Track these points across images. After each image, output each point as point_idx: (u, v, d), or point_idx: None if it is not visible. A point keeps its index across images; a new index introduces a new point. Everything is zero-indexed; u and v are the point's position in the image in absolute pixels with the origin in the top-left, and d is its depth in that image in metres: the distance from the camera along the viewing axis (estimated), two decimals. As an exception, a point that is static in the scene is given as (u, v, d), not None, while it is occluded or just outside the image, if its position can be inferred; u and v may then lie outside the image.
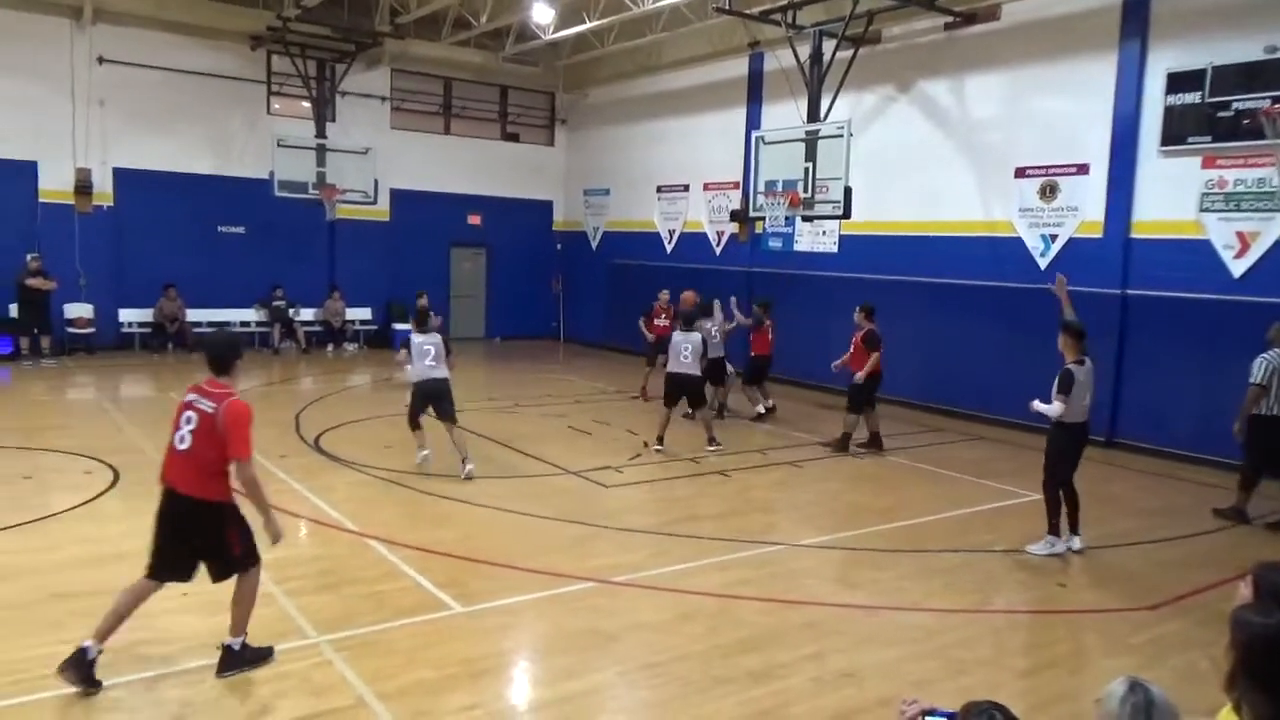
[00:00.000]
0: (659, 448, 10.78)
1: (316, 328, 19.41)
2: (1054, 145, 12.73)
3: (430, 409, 9.55)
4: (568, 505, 8.55)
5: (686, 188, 19.24)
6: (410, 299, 20.29)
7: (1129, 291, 11.90)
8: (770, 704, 4.88)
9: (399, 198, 20.26)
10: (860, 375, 11.03)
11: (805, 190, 13.12)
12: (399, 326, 20.04)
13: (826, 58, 13.47)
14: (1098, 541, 8.01)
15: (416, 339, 9.46)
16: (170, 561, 4.91)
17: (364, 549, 7.15)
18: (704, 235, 18.80)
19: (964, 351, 13.64)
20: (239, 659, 4.99)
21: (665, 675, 5.17)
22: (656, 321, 14.19)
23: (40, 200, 16.84)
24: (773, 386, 13.83)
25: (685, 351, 10.74)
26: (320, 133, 18.35)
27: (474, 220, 21.65)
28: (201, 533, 4.90)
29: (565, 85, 22.15)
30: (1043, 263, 12.89)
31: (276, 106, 19.12)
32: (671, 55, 18.71)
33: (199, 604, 5.83)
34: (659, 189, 19.96)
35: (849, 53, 13.37)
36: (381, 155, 19.09)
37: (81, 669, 4.67)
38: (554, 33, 18.14)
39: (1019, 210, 13.19)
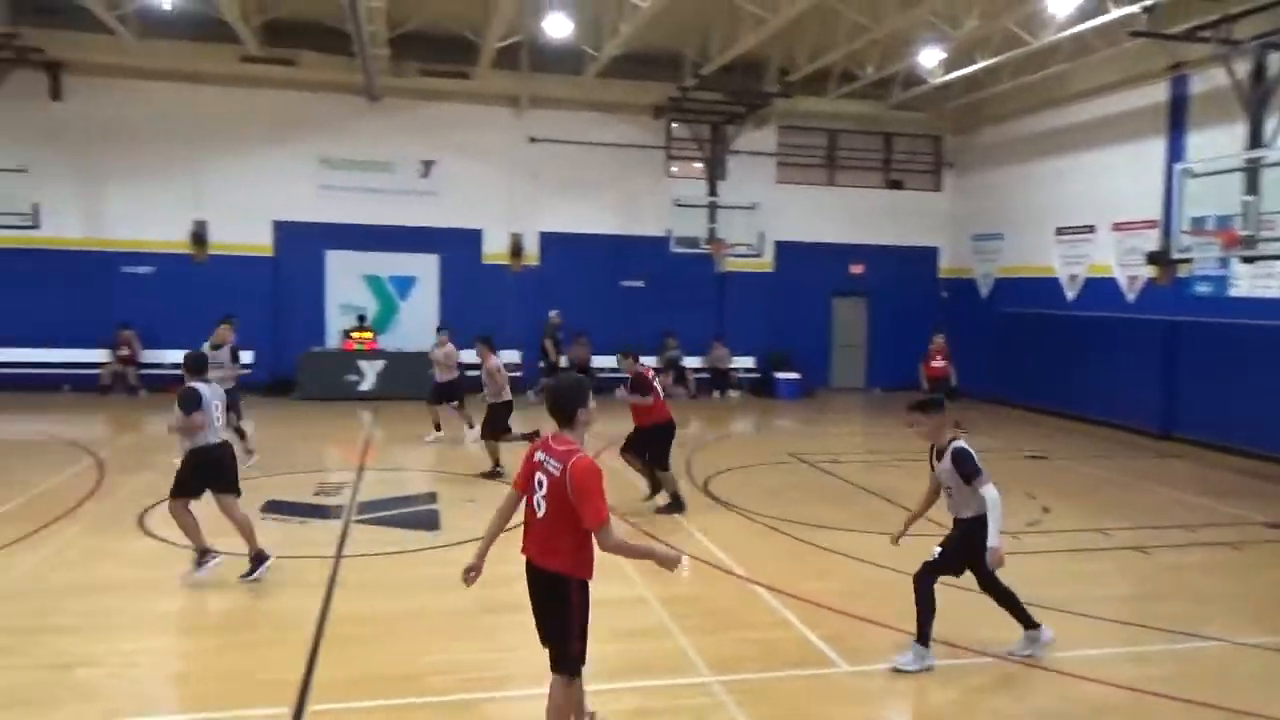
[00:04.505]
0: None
1: (704, 374, 20.46)
2: None
3: None
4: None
5: (1092, 229, 17.59)
6: (792, 347, 20.72)
7: None
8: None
9: (783, 249, 20.86)
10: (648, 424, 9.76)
11: (1245, 227, 11.43)
12: (780, 375, 20.48)
13: (1271, 73, 11.68)
14: None
15: None
16: (545, 635, 4.36)
17: (750, 594, 7.35)
18: (1113, 280, 17.03)
19: None
20: None
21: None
22: (932, 364, 13.41)
23: (482, 262, 19.75)
24: (1216, 455, 11.88)
25: None
26: (712, 191, 19.56)
27: (856, 269, 21.62)
28: (548, 610, 4.28)
29: (953, 128, 21.45)
30: None
31: (674, 169, 20.70)
32: (1074, 87, 17.35)
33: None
34: (1059, 231, 18.46)
35: (1304, 66, 11.49)
36: (767, 209, 19.85)
37: None
38: (943, 75, 17.68)
39: None
